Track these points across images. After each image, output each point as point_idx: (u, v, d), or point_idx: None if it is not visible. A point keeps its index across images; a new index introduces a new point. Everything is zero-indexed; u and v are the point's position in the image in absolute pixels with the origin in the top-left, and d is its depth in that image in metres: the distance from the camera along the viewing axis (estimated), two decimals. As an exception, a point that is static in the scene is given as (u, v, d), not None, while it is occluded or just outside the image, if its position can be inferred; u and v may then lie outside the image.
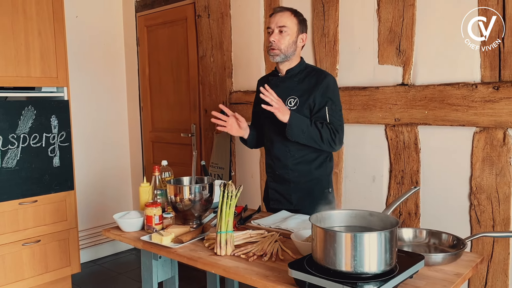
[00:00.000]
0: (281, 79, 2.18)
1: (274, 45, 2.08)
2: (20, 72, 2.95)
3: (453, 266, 1.49)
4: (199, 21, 3.42)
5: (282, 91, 2.13)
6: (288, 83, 2.15)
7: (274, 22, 2.09)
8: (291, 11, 2.11)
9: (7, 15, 2.87)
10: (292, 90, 2.13)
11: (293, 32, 2.09)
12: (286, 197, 2.19)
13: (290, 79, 2.15)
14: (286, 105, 2.11)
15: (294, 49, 2.12)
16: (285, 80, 2.17)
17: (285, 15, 2.09)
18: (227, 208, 1.67)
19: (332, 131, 2.03)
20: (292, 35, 2.09)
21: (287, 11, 2.11)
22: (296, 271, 1.32)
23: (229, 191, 1.68)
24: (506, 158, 2.17)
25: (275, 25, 2.09)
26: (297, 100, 2.10)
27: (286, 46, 2.09)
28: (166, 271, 2.00)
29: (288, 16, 2.09)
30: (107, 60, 4.04)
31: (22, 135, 2.94)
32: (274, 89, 2.14)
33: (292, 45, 2.10)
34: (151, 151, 4.09)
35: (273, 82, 2.20)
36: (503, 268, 2.23)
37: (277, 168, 2.20)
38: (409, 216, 2.51)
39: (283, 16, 2.09)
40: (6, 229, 2.92)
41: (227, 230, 1.66)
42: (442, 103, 2.32)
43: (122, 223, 1.99)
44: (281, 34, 2.08)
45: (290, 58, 2.13)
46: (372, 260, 1.24)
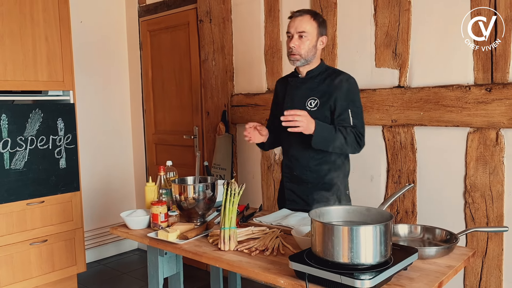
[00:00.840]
0: (301, 80, 2.18)
1: (294, 50, 2.07)
2: (28, 76, 3.03)
3: (446, 259, 1.57)
4: (201, 26, 3.51)
5: (302, 92, 2.15)
6: (309, 84, 2.15)
7: (293, 27, 2.07)
8: (310, 14, 2.08)
9: (15, 21, 2.96)
10: (312, 91, 2.13)
11: (313, 37, 2.07)
12: (303, 198, 2.19)
13: (311, 80, 2.15)
14: (306, 106, 2.11)
15: (314, 52, 2.11)
16: (305, 81, 2.16)
17: (305, 20, 2.06)
18: (231, 205, 1.75)
19: (356, 135, 2.03)
20: (312, 39, 2.07)
21: (307, 15, 2.08)
22: (296, 263, 1.39)
23: (232, 189, 1.76)
24: (499, 157, 2.25)
25: (294, 30, 2.07)
26: (318, 101, 2.10)
27: (306, 51, 2.08)
28: (172, 267, 2.08)
29: (308, 20, 2.06)
30: (110, 64, 4.13)
31: (30, 138, 3.02)
32: (294, 90, 2.17)
33: (312, 49, 2.09)
34: (154, 153, 4.17)
35: (293, 84, 2.21)
36: (497, 264, 2.30)
37: (295, 169, 2.19)
38: (406, 214, 2.59)
39: (302, 21, 2.06)
40: (14, 229, 2.99)
41: (230, 226, 1.74)
42: (437, 104, 2.40)
43: (129, 221, 2.06)
44: (301, 40, 2.06)
45: (311, 61, 2.12)
46: (368, 252, 1.32)
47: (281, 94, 2.28)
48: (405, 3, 2.49)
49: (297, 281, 1.41)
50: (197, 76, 3.67)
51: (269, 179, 3.28)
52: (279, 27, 3.08)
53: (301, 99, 2.12)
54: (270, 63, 3.16)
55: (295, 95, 2.18)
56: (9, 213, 2.96)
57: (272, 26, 3.12)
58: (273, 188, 3.25)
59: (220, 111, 3.46)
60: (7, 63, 2.93)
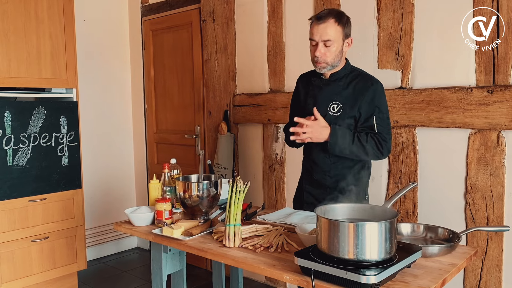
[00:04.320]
0: (325, 82, 2.08)
1: (320, 59, 1.98)
2: (32, 73, 3.04)
3: (449, 257, 1.59)
4: (204, 26, 3.53)
5: (325, 95, 2.06)
6: (333, 87, 2.06)
7: (317, 34, 1.95)
8: (334, 17, 1.95)
9: (20, 18, 2.97)
10: (336, 95, 2.04)
11: (339, 42, 1.97)
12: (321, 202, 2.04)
13: (335, 82, 2.06)
14: (329, 110, 2.02)
15: (341, 56, 2.01)
16: (329, 83, 2.07)
17: (329, 26, 1.93)
18: (236, 202, 1.77)
19: (378, 141, 1.97)
20: (338, 45, 1.97)
21: (331, 19, 1.94)
22: (302, 259, 1.41)
23: (237, 186, 1.78)
24: (500, 159, 2.28)
25: (319, 38, 1.95)
26: (341, 106, 2.01)
27: (332, 58, 1.98)
28: (175, 264, 2.09)
29: (332, 26, 1.93)
30: (113, 63, 4.14)
31: (33, 135, 3.03)
32: (317, 91, 2.09)
33: (339, 54, 2.00)
34: (155, 152, 4.18)
35: (316, 84, 2.11)
36: (496, 264, 2.33)
37: (315, 173, 2.14)
38: (407, 215, 2.61)
39: (327, 28, 1.93)
40: (16, 226, 3.00)
41: (235, 223, 1.76)
42: (439, 106, 2.42)
43: (134, 218, 2.08)
44: (327, 48, 1.95)
45: (337, 65, 2.04)
46: (373, 248, 1.34)
47: (303, 92, 2.19)
48: (408, 5, 2.51)
49: (302, 277, 1.43)
50: (199, 75, 3.69)
51: (270, 179, 3.29)
52: (282, 28, 3.11)
53: (323, 102, 2.04)
54: (273, 63, 3.18)
55: (318, 98, 2.09)
56: (11, 209, 2.97)
57: (275, 27, 3.14)
58: (274, 188, 3.27)
59: (222, 111, 3.48)
60: (12, 60, 2.94)
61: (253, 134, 3.37)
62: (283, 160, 3.21)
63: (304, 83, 2.22)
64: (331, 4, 2.82)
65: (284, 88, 3.13)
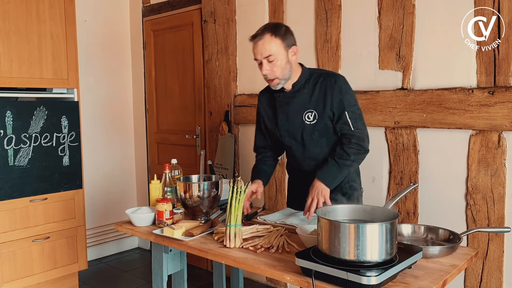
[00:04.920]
0: (289, 95, 2.06)
1: (269, 76, 1.96)
2: (33, 74, 3.05)
3: (449, 258, 1.59)
4: (205, 26, 3.53)
5: (296, 106, 2.04)
6: (300, 97, 2.04)
7: (258, 53, 1.93)
8: (270, 32, 1.92)
9: (21, 18, 2.97)
10: (306, 103, 2.02)
11: (281, 55, 1.93)
12: None
13: (300, 92, 2.04)
14: (305, 121, 2.03)
15: (290, 67, 1.98)
16: (294, 95, 2.05)
17: (266, 41, 1.91)
18: (236, 203, 1.77)
19: (357, 144, 1.99)
20: (282, 58, 1.93)
21: (266, 34, 1.91)
22: (303, 260, 1.41)
23: (238, 186, 1.78)
24: (501, 160, 2.28)
25: (260, 56, 1.93)
26: (315, 113, 2.01)
27: (281, 71, 1.95)
28: (176, 264, 2.09)
29: (270, 41, 1.90)
30: (114, 63, 4.14)
31: (34, 135, 3.03)
32: (285, 106, 2.07)
33: (286, 66, 1.96)
34: (156, 152, 4.18)
35: (282, 99, 2.08)
36: (497, 266, 2.32)
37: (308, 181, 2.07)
38: (407, 216, 2.61)
39: (264, 44, 1.91)
40: (17, 226, 3.00)
41: (236, 223, 1.76)
42: (440, 107, 2.42)
43: (135, 218, 2.08)
44: (271, 63, 1.92)
45: (291, 76, 2.01)
46: (374, 249, 1.34)
47: (270, 111, 2.16)
48: (409, 6, 2.51)
49: (303, 278, 1.43)
50: (200, 76, 3.69)
51: (270, 180, 3.29)
52: (283, 29, 3.10)
53: (296, 114, 2.03)
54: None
55: (289, 112, 2.07)
56: (12, 209, 2.97)
57: (276, 27, 3.14)
58: (275, 188, 3.27)
59: (223, 111, 3.48)
60: (13, 60, 2.95)
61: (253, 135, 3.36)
62: (283, 161, 3.20)
63: (267, 100, 2.17)
64: (332, 4, 2.82)
65: (285, 89, 3.13)
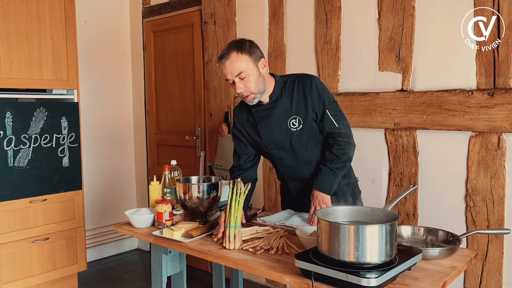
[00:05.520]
0: (268, 107, 2.03)
1: (244, 93, 1.94)
2: (33, 75, 3.05)
3: (449, 260, 1.59)
4: (205, 28, 3.53)
5: (278, 117, 2.02)
6: (280, 107, 2.01)
7: (228, 73, 1.91)
8: (235, 49, 1.90)
9: (21, 19, 2.97)
10: (288, 111, 2.01)
11: (252, 69, 1.91)
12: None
13: (278, 101, 2.02)
14: (290, 127, 2.01)
15: (263, 79, 1.96)
16: (274, 106, 2.02)
17: (233, 60, 1.89)
18: (236, 204, 1.77)
19: (344, 143, 1.99)
20: (253, 72, 1.91)
21: (232, 53, 1.90)
22: (302, 261, 1.41)
23: (237, 188, 1.78)
24: (500, 162, 2.28)
25: (231, 76, 1.91)
26: (299, 118, 2.00)
27: (255, 86, 1.93)
28: (175, 266, 2.09)
29: (236, 59, 1.89)
30: (114, 64, 4.14)
31: (34, 136, 3.03)
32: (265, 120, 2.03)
33: (259, 79, 1.94)
34: (155, 153, 4.18)
35: (261, 114, 2.04)
36: (497, 267, 2.32)
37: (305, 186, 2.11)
38: (407, 217, 2.61)
39: (232, 63, 1.89)
40: (17, 227, 3.00)
41: (236, 225, 1.76)
42: (440, 108, 2.42)
43: (134, 219, 2.08)
44: (243, 80, 1.90)
45: (266, 88, 1.99)
46: (374, 251, 1.34)
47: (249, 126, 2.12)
48: (409, 8, 2.51)
49: (302, 279, 1.43)
50: (200, 77, 3.69)
51: (270, 181, 3.29)
52: (283, 30, 3.11)
53: (280, 125, 2.01)
54: (274, 65, 3.18)
55: (271, 124, 2.03)
56: (11, 210, 2.97)
57: (276, 29, 3.15)
58: (275, 190, 3.27)
59: (222, 112, 3.48)
60: (13, 61, 2.95)
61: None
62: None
63: (244, 117, 2.13)
64: (332, 6, 2.82)
65: (285, 90, 3.13)
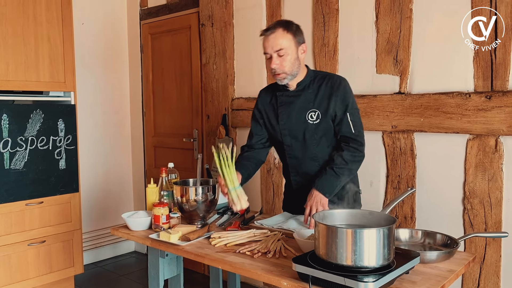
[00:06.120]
0: (293, 94, 2.07)
1: (278, 70, 1.97)
2: (30, 77, 3.03)
3: (447, 263, 1.59)
4: (203, 30, 3.53)
5: (299, 106, 2.05)
6: (304, 97, 2.05)
7: (269, 47, 1.95)
8: (282, 27, 1.95)
9: (18, 21, 2.96)
10: (310, 102, 2.04)
11: (292, 50, 1.96)
12: None
13: (304, 91, 2.05)
14: (308, 120, 2.03)
15: (298, 64, 2.01)
16: (299, 94, 2.06)
17: (278, 35, 1.94)
18: (226, 168, 1.80)
19: (354, 148, 1.99)
20: (292, 53, 1.96)
21: (278, 29, 1.95)
22: (300, 265, 1.41)
23: (222, 153, 1.80)
24: (498, 164, 2.28)
25: (271, 50, 1.95)
26: (318, 113, 2.02)
27: (290, 67, 1.97)
28: (172, 269, 2.08)
29: (281, 35, 1.94)
30: (111, 66, 4.13)
31: (30, 138, 3.02)
32: (287, 106, 2.07)
33: (295, 62, 1.98)
34: (153, 156, 4.17)
35: (284, 99, 2.09)
36: (494, 270, 2.32)
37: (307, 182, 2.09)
38: (405, 220, 2.60)
39: (276, 38, 1.93)
40: (13, 229, 2.98)
41: (234, 187, 1.79)
42: (437, 111, 2.42)
43: (131, 222, 2.07)
44: (281, 58, 1.95)
45: (298, 74, 2.03)
46: (371, 254, 1.33)
47: (269, 109, 2.15)
48: (407, 11, 2.51)
49: (300, 283, 1.42)
50: (197, 79, 3.69)
51: (268, 183, 3.29)
52: (281, 32, 3.10)
53: (299, 114, 2.03)
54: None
55: (291, 111, 2.07)
56: (7, 213, 2.95)
57: (274, 31, 3.14)
58: (272, 192, 3.27)
59: (220, 115, 3.48)
60: (9, 63, 2.94)
61: (251, 138, 3.36)
62: (281, 164, 3.20)
63: (267, 98, 2.16)
64: (329, 8, 2.82)
65: (283, 93, 3.13)
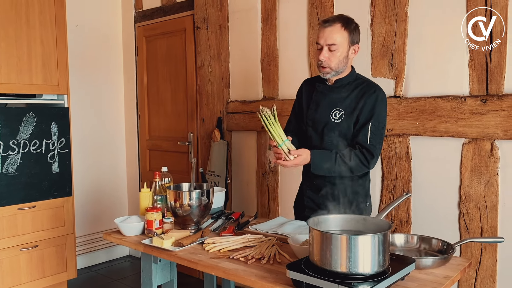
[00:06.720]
0: (329, 88, 2.08)
1: (324, 63, 1.96)
2: (23, 80, 3.00)
3: (443, 269, 1.57)
4: (198, 33, 3.51)
5: (329, 102, 2.06)
6: (336, 94, 2.05)
7: (323, 38, 1.94)
8: (341, 22, 1.94)
9: (10, 23, 2.94)
10: (339, 101, 2.03)
11: (344, 48, 1.95)
12: (322, 208, 2.01)
13: (339, 89, 2.05)
14: (331, 117, 2.03)
15: (346, 63, 1.99)
16: (333, 90, 2.06)
17: (335, 30, 1.93)
18: (272, 126, 1.87)
19: (364, 156, 1.95)
20: (343, 51, 1.95)
21: (337, 24, 1.94)
22: (294, 272, 1.39)
23: (263, 114, 1.88)
24: (494, 168, 2.27)
25: (324, 42, 1.94)
26: (343, 113, 2.01)
27: (337, 63, 1.96)
28: (165, 275, 2.06)
29: (338, 31, 1.93)
30: (105, 69, 4.11)
31: (23, 141, 2.99)
32: (320, 97, 2.10)
33: (343, 60, 1.98)
34: (147, 159, 4.14)
35: (321, 90, 2.10)
36: (490, 275, 2.31)
37: (315, 178, 2.09)
38: (400, 224, 2.59)
39: (332, 32, 1.93)
40: (5, 234, 2.95)
41: (283, 141, 1.88)
42: (433, 115, 2.41)
43: (123, 227, 2.04)
44: (331, 52, 1.94)
45: (342, 72, 2.02)
46: (366, 261, 1.32)
47: (306, 97, 2.18)
48: (402, 14, 2.51)
49: (294, 290, 1.40)
50: (192, 82, 3.67)
51: (263, 187, 3.27)
52: (276, 35, 3.09)
53: (326, 109, 2.04)
54: (267, 71, 3.16)
55: (321, 104, 2.09)
56: (-1, 217, 2.93)
57: (269, 34, 3.13)
58: (267, 196, 3.25)
59: (215, 118, 3.46)
60: (2, 66, 2.91)
61: (246, 142, 3.35)
62: (276, 168, 3.19)
63: (308, 87, 2.21)
64: (324, 12, 2.81)
65: (278, 96, 3.12)
